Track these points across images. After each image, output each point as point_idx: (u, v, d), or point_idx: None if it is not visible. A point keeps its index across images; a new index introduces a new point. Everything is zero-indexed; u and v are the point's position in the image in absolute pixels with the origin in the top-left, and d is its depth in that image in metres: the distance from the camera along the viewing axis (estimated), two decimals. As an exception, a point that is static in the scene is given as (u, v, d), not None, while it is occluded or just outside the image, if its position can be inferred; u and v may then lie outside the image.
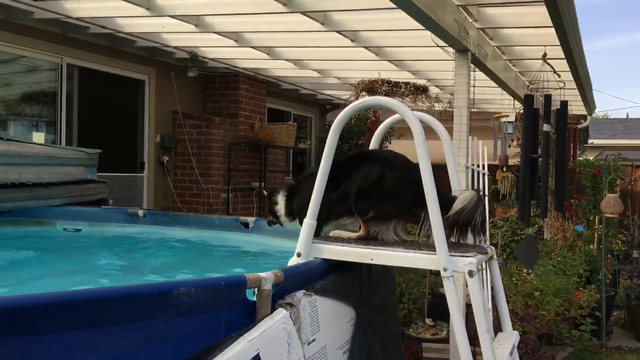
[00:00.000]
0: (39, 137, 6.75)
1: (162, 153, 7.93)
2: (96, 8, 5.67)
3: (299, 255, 2.32)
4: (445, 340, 5.03)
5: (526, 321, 5.39)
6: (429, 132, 2.41)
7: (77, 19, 5.87)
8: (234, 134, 8.49)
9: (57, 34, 6.34)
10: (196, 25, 5.84)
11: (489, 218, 8.89)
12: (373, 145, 2.79)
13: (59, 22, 6.15)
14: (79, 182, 5.02)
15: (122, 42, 6.83)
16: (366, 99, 2.32)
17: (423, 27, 4.06)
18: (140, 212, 4.82)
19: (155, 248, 4.37)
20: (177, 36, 6.68)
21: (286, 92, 10.18)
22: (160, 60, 7.65)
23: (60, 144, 6.55)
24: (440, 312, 5.60)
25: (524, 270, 6.62)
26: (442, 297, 6.02)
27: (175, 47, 7.18)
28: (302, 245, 2.32)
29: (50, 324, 1.40)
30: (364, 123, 9.91)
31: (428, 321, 5.53)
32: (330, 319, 2.17)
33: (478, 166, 4.98)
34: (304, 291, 2.02)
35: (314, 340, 2.03)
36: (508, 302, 5.99)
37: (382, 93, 6.85)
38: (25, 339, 1.35)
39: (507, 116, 8.38)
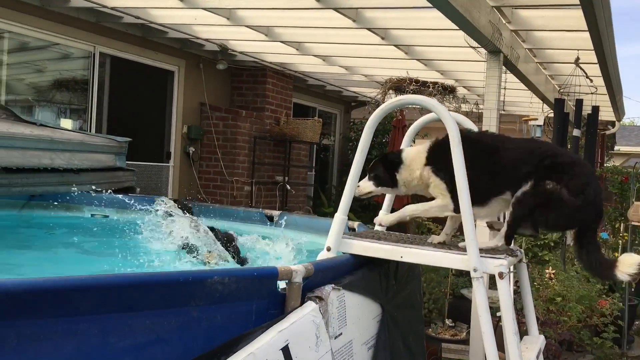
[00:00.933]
0: (67, 123, 6.87)
1: (189, 144, 8.00)
2: (130, -2, 5.75)
3: (328, 249, 2.34)
4: (465, 341, 5.02)
5: (547, 326, 5.35)
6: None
7: (112, 8, 5.95)
8: (259, 128, 8.54)
9: (91, 22, 6.43)
10: (228, 18, 5.89)
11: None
12: (405, 143, 2.79)
13: (93, 11, 6.23)
14: (108, 170, 5.10)
15: (154, 32, 6.90)
16: (403, 97, 2.33)
17: (455, 27, 4.05)
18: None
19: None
20: (208, 28, 6.73)
21: (312, 88, 10.20)
22: (190, 52, 7.71)
23: (90, 131, 6.65)
24: (460, 313, 5.59)
25: (546, 275, 6.57)
26: (463, 298, 6.02)
27: (206, 40, 7.23)
28: (332, 240, 2.34)
29: (90, 306, 1.44)
30: (388, 121, 9.90)
31: (448, 322, 5.53)
32: (357, 314, 2.18)
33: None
34: (333, 285, 2.04)
35: (341, 334, 2.05)
36: (529, 306, 5.95)
37: (409, 92, 6.84)
38: (67, 318, 1.39)
39: (536, 119, 8.30)
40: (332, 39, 6.50)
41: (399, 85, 7.09)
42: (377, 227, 2.74)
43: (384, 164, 2.51)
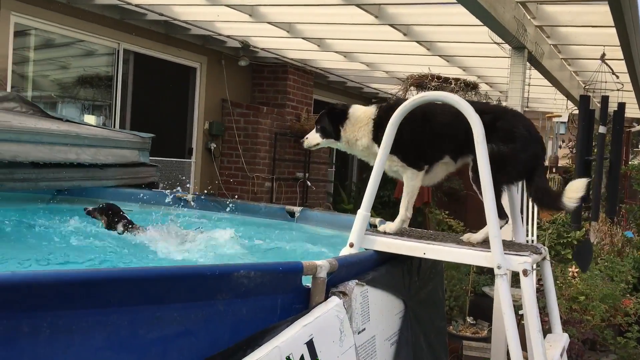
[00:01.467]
0: (90, 119, 6.96)
1: (210, 140, 8.06)
2: (154, -5, 5.81)
3: (351, 245, 2.35)
4: (486, 339, 5.00)
5: (570, 325, 5.30)
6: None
7: (136, 5, 6.02)
8: (280, 124, 8.57)
9: (115, 19, 6.51)
10: (250, 15, 5.91)
11: (537, 220, 8.73)
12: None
13: (117, 8, 6.31)
14: (132, 165, 5.17)
15: (177, 29, 6.96)
16: (426, 94, 2.33)
17: (478, 23, 4.02)
18: (189, 197, 4.94)
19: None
20: (231, 25, 6.77)
21: (333, 84, 10.20)
22: (213, 48, 7.76)
23: (113, 127, 6.74)
24: (481, 311, 5.57)
25: (569, 273, 6.51)
26: (484, 296, 5.99)
27: (228, 36, 7.28)
28: (355, 236, 2.35)
29: (120, 298, 1.46)
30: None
31: (469, 319, 5.51)
32: (380, 310, 2.19)
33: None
34: (356, 281, 2.04)
35: (364, 329, 2.06)
36: (552, 305, 5.91)
37: (431, 88, 6.81)
38: (98, 310, 1.42)
39: (560, 116, 8.20)
40: (353, 35, 6.50)
41: (421, 82, 7.05)
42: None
43: (329, 116, 2.61)
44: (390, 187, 10.01)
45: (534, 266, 2.69)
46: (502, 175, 2.22)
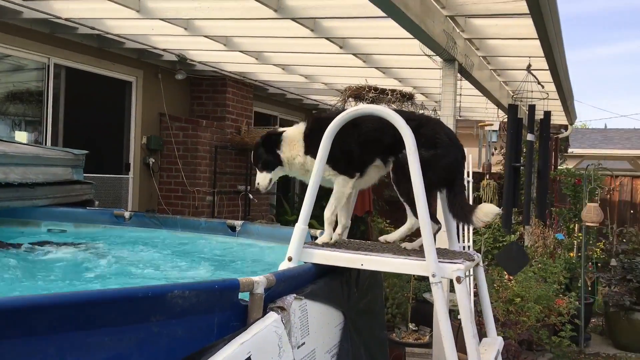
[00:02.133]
0: (21, 136, 6.71)
1: (148, 155, 7.91)
2: (85, 9, 5.67)
3: (290, 259, 2.36)
4: (428, 345, 5.09)
5: (507, 327, 5.46)
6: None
7: (66, 19, 5.86)
8: (220, 137, 8.50)
9: (45, 33, 6.31)
10: (185, 29, 5.86)
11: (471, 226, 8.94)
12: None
13: (47, 22, 6.12)
14: (65, 183, 5.01)
15: (110, 43, 6.81)
16: (360, 107, 2.37)
17: (411, 36, 4.13)
18: (127, 214, 4.83)
19: (145, 250, 4.36)
20: (166, 39, 6.68)
21: (273, 97, 10.21)
22: (148, 62, 7.64)
23: (45, 144, 6.51)
24: (423, 317, 5.67)
25: (506, 276, 6.72)
26: (426, 302, 6.09)
27: (164, 50, 7.18)
28: (293, 250, 2.36)
29: (47, 325, 1.42)
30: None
31: (411, 326, 5.60)
32: (319, 323, 2.20)
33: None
34: (294, 295, 2.05)
35: (304, 343, 2.07)
36: (490, 308, 6.08)
37: (369, 99, 6.92)
38: (23, 338, 1.37)
39: (492, 125, 8.49)
40: (291, 48, 6.54)
41: (359, 93, 7.15)
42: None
43: (264, 147, 2.65)
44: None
45: (470, 272, 2.77)
46: (425, 180, 2.28)
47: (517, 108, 5.06)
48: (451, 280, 2.26)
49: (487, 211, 2.39)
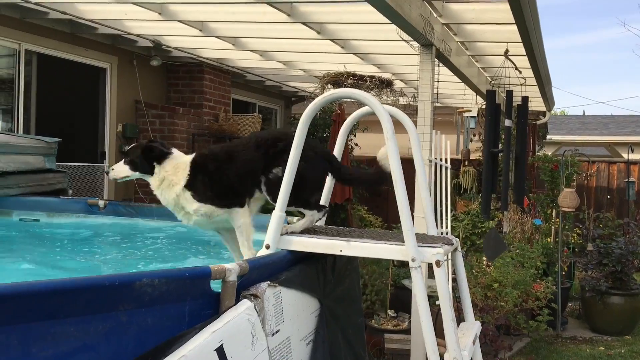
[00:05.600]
0: (-8, 124, 6.56)
1: (124, 143, 7.78)
2: (56, -7, 5.53)
3: (267, 247, 2.32)
4: (407, 331, 5.10)
5: (485, 312, 5.50)
6: (395, 125, 2.43)
7: (36, 3, 5.71)
8: (198, 125, 8.40)
9: (15, 19, 6.15)
10: (160, 13, 5.74)
11: (451, 211, 9.01)
12: (340, 138, 2.80)
13: (17, 7, 5.96)
14: (37, 172, 4.90)
15: (83, 28, 6.66)
16: (336, 91, 2.33)
17: (388, 21, 4.08)
18: (101, 203, 4.74)
19: (121, 239, 4.30)
20: (140, 24, 6.55)
21: (251, 84, 10.11)
22: (123, 48, 7.50)
23: (17, 132, 6.37)
24: (402, 303, 5.68)
25: (484, 262, 6.76)
26: (405, 289, 6.10)
27: (138, 35, 7.04)
28: (270, 237, 2.32)
29: (9, 315, 1.37)
30: (329, 116, 9.93)
31: (390, 312, 5.60)
32: (294, 310, 2.17)
33: (441, 160, 5.05)
34: (268, 282, 2.02)
35: (278, 331, 2.04)
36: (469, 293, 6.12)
37: (347, 86, 6.88)
38: (-18, 330, 1.32)
39: (470, 111, 8.51)
40: (267, 33, 6.45)
41: (337, 80, 7.11)
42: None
43: (146, 151, 2.63)
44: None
45: (448, 257, 2.76)
46: (302, 192, 2.40)
47: (495, 94, 5.06)
48: (430, 266, 2.24)
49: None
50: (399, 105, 7.79)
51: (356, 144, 11.03)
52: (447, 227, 5.09)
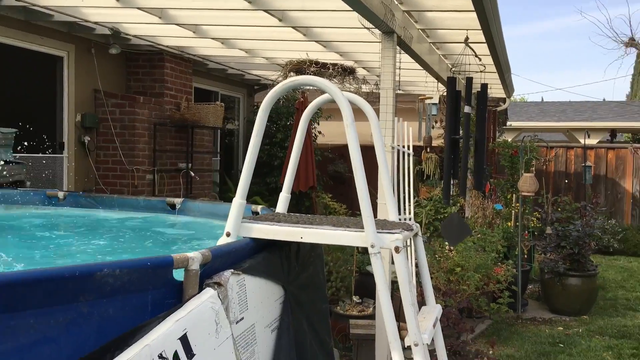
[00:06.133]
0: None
1: (83, 133, 7.63)
2: (8, -21, 5.36)
3: (228, 234, 2.31)
4: (372, 316, 5.17)
5: (448, 296, 5.61)
6: (357, 113, 2.45)
7: (-13, -11, 5.52)
8: (159, 114, 8.28)
9: (-35, 5, 5.95)
10: (118, 0, 5.63)
11: (413, 197, 9.12)
12: (301, 125, 2.79)
13: (-34, -7, 5.76)
14: (-8, 163, 4.77)
15: (38, 15, 6.48)
16: (296, 78, 2.33)
17: (351, 9, 4.09)
18: (61, 194, 4.65)
19: (81, 230, 4.22)
20: (98, 11, 6.41)
21: (213, 72, 10.00)
22: (80, 36, 7.32)
23: (-30, 123, 6.17)
24: (366, 289, 5.75)
25: (447, 247, 6.88)
26: (369, 275, 6.19)
27: (96, 23, 6.89)
28: (231, 225, 2.32)
29: (-37, 310, 1.34)
30: (292, 104, 9.91)
31: (355, 298, 5.67)
32: (258, 298, 2.18)
33: (404, 147, 5.10)
34: (232, 270, 2.02)
35: (242, 318, 2.04)
36: (431, 278, 6.22)
37: (310, 74, 6.87)
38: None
39: (431, 98, 8.61)
40: (229, 21, 6.39)
41: (300, 68, 7.10)
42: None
43: None
44: (277, 173, 10.05)
45: (409, 242, 2.81)
46: None
47: (456, 81, 5.13)
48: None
49: None
50: (362, 92, 7.83)
51: (320, 132, 11.04)
52: (410, 213, 5.16)
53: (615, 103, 23.36)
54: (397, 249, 2.21)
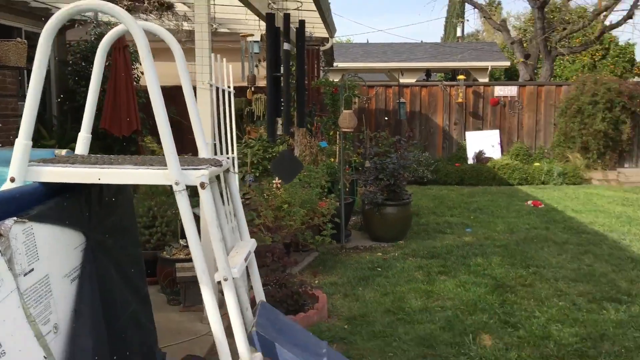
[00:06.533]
0: None
1: None
2: None
3: (12, 180, 2.09)
4: (199, 258, 5.12)
5: (274, 232, 5.73)
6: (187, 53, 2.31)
7: None
8: (-54, 52, 7.22)
9: None
10: None
11: (242, 138, 9.09)
12: (98, 58, 2.56)
13: None
14: None
15: None
16: (81, 2, 2.10)
17: None
18: None
19: None
20: None
21: (14, 5, 8.90)
22: None
23: None
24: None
25: (274, 185, 7.00)
26: (197, 217, 6.05)
27: None
28: (15, 169, 2.09)
29: None
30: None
31: (182, 242, 5.57)
32: (52, 247, 2.01)
33: (225, 86, 4.98)
34: (15, 218, 1.82)
35: (33, 269, 1.87)
36: (260, 216, 6.31)
37: (123, 7, 6.38)
38: None
39: (253, 35, 8.50)
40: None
41: (112, 1, 6.55)
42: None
43: None
44: (98, 116, 9.34)
45: (221, 177, 2.76)
46: None
47: (274, 17, 5.07)
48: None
49: None
50: (183, 30, 7.50)
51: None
52: (233, 153, 5.11)
53: (430, 44, 25.05)
54: (202, 185, 2.15)
